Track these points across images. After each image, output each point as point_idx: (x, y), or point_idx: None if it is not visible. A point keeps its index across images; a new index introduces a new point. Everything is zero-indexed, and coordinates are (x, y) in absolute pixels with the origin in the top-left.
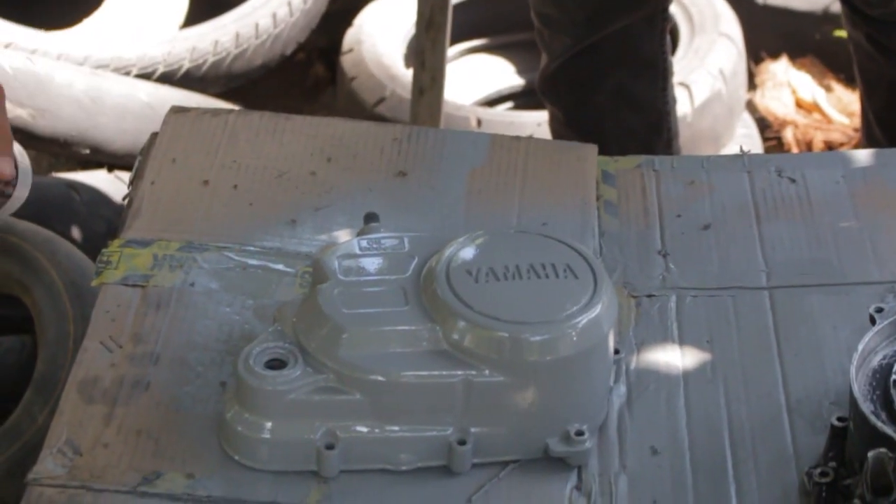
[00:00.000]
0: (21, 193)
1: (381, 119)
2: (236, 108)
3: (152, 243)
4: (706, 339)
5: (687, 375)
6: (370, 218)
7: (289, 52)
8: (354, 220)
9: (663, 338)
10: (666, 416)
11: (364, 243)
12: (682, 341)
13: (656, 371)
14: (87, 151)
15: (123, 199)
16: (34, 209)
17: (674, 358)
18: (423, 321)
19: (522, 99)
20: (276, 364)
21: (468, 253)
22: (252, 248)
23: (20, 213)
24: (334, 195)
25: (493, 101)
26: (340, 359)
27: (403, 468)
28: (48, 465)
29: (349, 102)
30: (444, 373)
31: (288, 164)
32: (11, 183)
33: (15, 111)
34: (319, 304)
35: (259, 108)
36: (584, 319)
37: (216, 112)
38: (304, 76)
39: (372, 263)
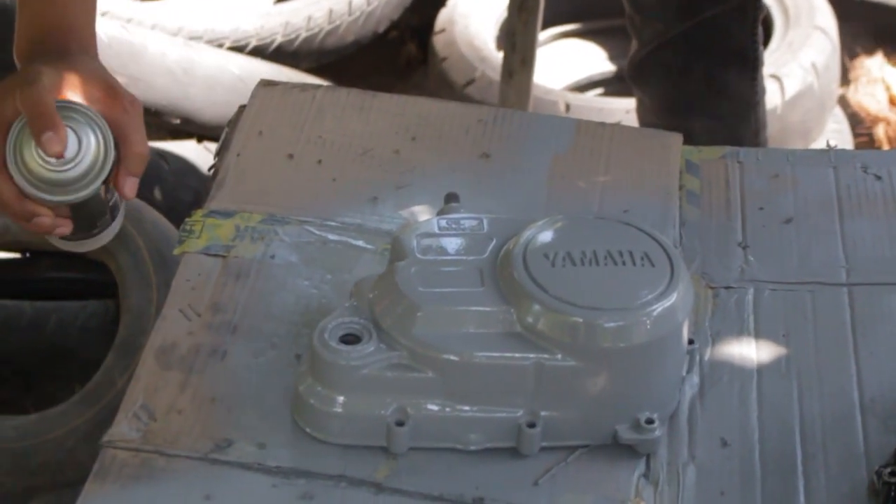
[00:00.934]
0: (117, 225)
1: (470, 100)
2: (325, 83)
3: (235, 214)
4: (782, 334)
5: (761, 369)
6: (451, 198)
7: (381, 29)
8: (436, 199)
9: (739, 330)
10: (738, 408)
11: (443, 223)
12: (758, 334)
13: (730, 363)
14: (178, 121)
15: (209, 169)
16: None
17: (748, 351)
18: (498, 303)
19: (613, 85)
20: (350, 339)
21: (546, 237)
22: (333, 224)
23: None
24: (417, 174)
25: (583, 87)
26: (414, 337)
27: (472, 448)
28: (123, 428)
29: (439, 83)
30: (517, 355)
31: (373, 141)
32: (119, 207)
33: None
34: (396, 282)
35: (350, 86)
36: (658, 308)
37: (304, 87)
38: (396, 55)
39: (450, 243)
